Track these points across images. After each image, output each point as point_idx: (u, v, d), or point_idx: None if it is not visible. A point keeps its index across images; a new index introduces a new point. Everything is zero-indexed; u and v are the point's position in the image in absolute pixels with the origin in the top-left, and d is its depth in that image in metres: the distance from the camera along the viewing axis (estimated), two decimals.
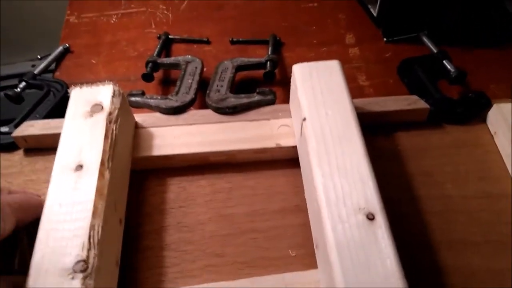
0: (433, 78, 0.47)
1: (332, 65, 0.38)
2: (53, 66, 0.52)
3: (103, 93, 0.36)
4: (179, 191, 0.38)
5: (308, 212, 0.34)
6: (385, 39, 0.54)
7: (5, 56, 1.09)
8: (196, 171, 0.39)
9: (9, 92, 0.45)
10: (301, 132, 0.35)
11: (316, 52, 0.53)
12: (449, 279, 0.33)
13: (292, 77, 0.38)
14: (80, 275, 0.26)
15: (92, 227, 0.28)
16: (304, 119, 0.34)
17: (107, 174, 0.31)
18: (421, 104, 0.41)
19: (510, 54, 0.52)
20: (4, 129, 0.41)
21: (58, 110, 0.43)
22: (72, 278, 0.26)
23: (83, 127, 0.34)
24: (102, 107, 0.35)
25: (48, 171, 0.32)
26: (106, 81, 0.37)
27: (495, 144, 0.41)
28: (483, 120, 0.43)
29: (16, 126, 0.41)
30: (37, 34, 1.05)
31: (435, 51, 0.49)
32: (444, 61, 0.48)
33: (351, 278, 0.26)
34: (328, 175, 0.30)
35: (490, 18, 0.55)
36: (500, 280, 0.33)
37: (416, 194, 0.38)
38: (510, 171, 0.39)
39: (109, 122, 0.34)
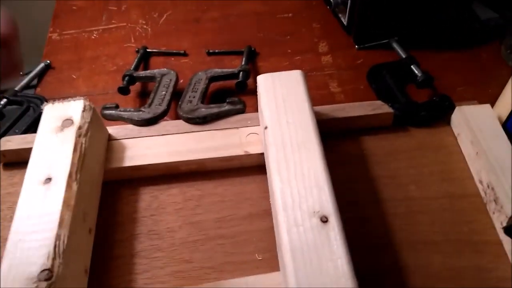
0: (401, 83, 0.49)
1: (294, 74, 0.39)
2: (35, 82, 0.54)
3: (74, 108, 0.37)
4: (151, 200, 0.39)
5: (272, 216, 0.35)
6: (356, 46, 0.55)
7: None
8: (168, 180, 0.40)
9: None
10: (263, 140, 0.37)
11: (290, 61, 0.55)
12: (410, 278, 0.34)
13: (257, 87, 0.40)
14: (45, 283, 0.27)
15: (58, 237, 0.29)
16: (266, 128, 0.35)
17: (74, 186, 0.32)
18: (386, 108, 0.43)
19: (476, 57, 0.53)
20: None
21: (37, 125, 0.45)
22: (37, 286, 0.27)
23: (54, 141, 0.35)
24: (72, 121, 0.36)
25: None
26: (77, 96, 0.38)
27: (459, 145, 0.42)
28: (448, 122, 0.44)
29: None
30: (31, 51, 1.07)
31: (404, 56, 0.51)
32: (412, 66, 0.49)
33: (303, 279, 0.27)
34: (286, 180, 0.32)
35: (459, 22, 0.56)
36: (459, 278, 0.34)
37: (380, 197, 0.39)
38: (472, 171, 0.40)
39: (78, 136, 0.35)
